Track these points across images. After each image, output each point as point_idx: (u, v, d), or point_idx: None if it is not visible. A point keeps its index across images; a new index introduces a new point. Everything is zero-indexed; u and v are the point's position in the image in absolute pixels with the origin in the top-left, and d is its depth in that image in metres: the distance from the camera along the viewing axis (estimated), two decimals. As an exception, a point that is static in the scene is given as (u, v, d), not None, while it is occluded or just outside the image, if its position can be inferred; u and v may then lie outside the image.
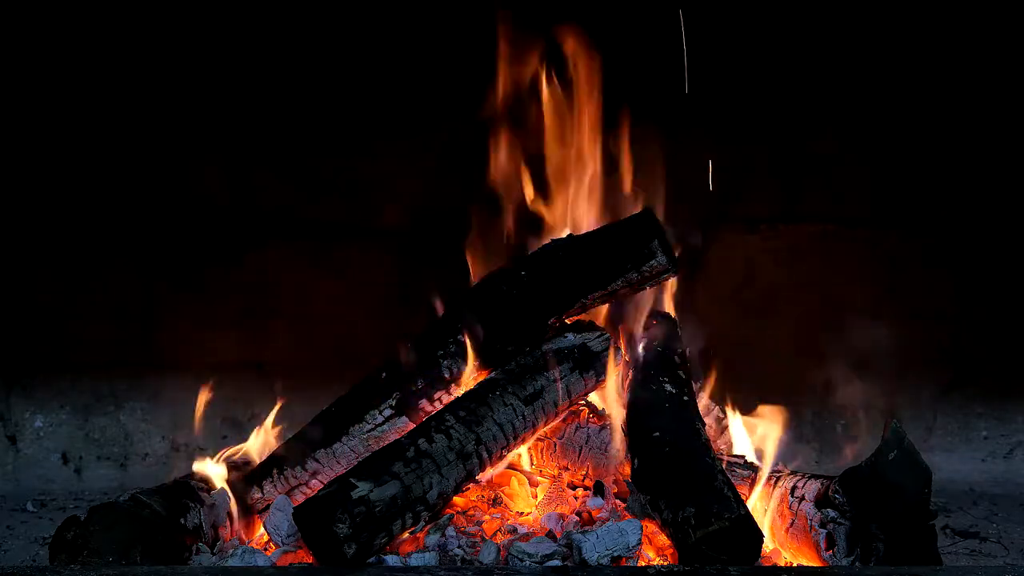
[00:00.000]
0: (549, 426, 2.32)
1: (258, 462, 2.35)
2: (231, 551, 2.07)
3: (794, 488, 2.10)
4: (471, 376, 2.30)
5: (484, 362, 2.30)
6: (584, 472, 2.33)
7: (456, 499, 2.17)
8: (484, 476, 2.23)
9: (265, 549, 2.13)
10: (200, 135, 3.11)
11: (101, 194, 3.12)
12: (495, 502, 2.24)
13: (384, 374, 2.31)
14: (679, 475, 2.02)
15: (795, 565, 2.03)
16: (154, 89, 3.08)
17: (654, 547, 2.04)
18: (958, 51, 3.09)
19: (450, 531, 2.06)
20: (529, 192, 2.58)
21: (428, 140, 3.10)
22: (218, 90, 3.09)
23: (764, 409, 2.42)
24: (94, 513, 1.98)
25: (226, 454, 2.39)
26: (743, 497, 2.02)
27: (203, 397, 2.53)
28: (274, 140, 3.13)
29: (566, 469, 2.36)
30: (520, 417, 2.17)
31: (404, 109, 3.11)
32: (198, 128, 3.11)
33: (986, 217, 3.17)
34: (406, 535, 2.01)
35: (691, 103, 3.08)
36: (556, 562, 1.95)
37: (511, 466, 2.35)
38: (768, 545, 2.09)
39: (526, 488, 2.30)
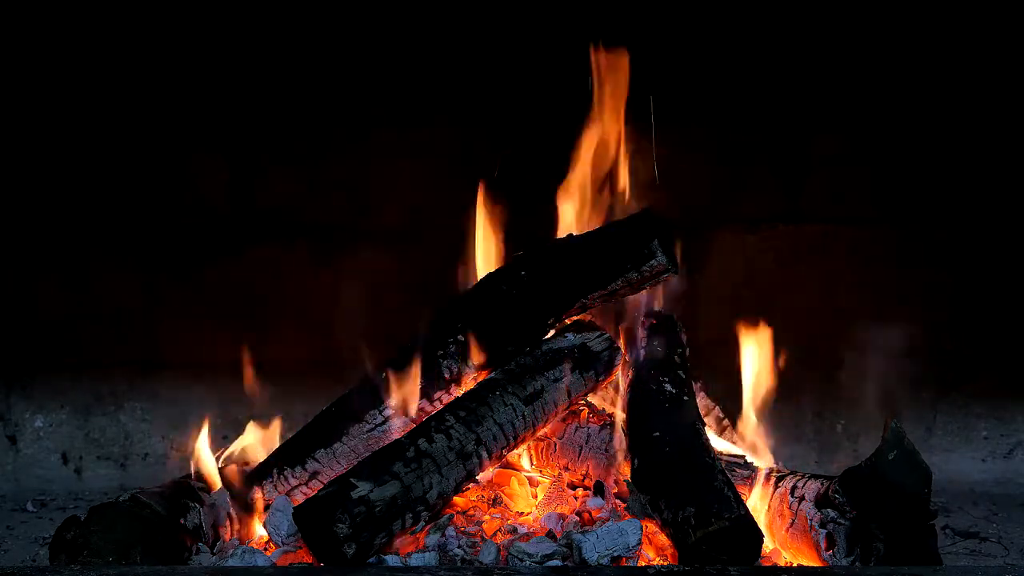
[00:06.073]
0: (549, 426, 2.32)
1: (258, 462, 2.35)
2: (231, 551, 2.07)
3: (794, 488, 2.10)
4: (471, 376, 2.30)
5: (484, 362, 2.30)
6: (584, 472, 2.33)
7: (456, 499, 2.17)
8: (484, 476, 2.23)
9: (265, 549, 2.13)
10: (200, 134, 3.10)
11: (101, 193, 3.11)
12: (495, 502, 2.24)
13: (384, 373, 2.31)
14: (679, 475, 2.02)
15: (795, 565, 2.03)
16: (154, 88, 3.08)
17: (654, 547, 2.04)
18: (958, 51, 3.09)
19: (450, 531, 2.06)
20: None
21: (429, 139, 3.09)
22: (219, 89, 3.09)
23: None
24: (94, 513, 1.98)
25: (226, 454, 2.39)
26: (743, 497, 2.02)
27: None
28: (275, 140, 3.13)
29: (566, 469, 2.36)
30: (520, 417, 2.17)
31: (405, 108, 3.10)
32: (198, 127, 3.10)
33: (986, 217, 3.17)
34: (406, 535, 2.01)
35: (692, 103, 3.09)
36: (556, 562, 1.95)
37: (511, 466, 2.35)
38: (768, 545, 2.09)
39: (526, 488, 2.30)
